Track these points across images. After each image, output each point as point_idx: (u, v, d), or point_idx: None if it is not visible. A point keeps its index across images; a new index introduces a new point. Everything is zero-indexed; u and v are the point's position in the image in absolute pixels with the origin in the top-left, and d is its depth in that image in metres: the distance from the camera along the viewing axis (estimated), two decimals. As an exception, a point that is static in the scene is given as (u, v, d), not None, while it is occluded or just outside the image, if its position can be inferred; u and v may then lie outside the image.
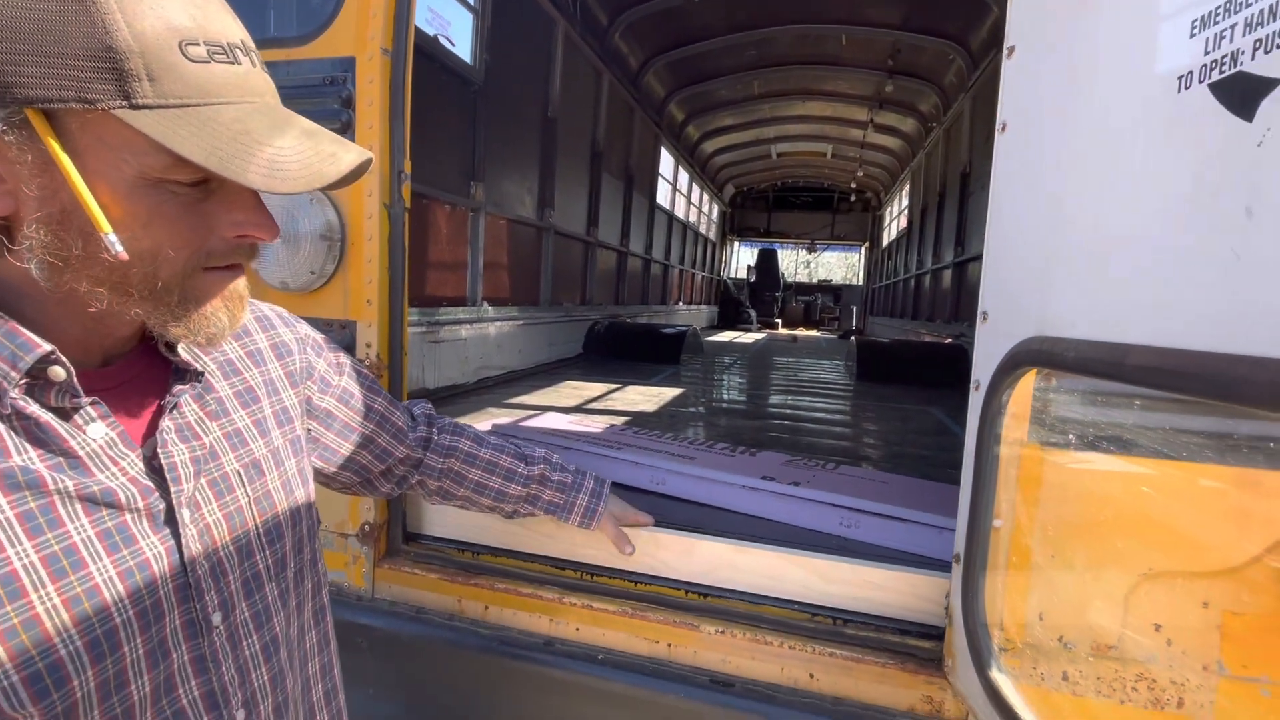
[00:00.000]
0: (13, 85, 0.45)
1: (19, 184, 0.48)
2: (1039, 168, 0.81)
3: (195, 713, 0.60)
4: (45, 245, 0.49)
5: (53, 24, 0.45)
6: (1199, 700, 0.91)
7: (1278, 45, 0.47)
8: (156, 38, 0.47)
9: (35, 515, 0.50)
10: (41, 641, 0.49)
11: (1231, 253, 0.50)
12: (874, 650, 1.09)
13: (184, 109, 0.48)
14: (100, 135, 0.48)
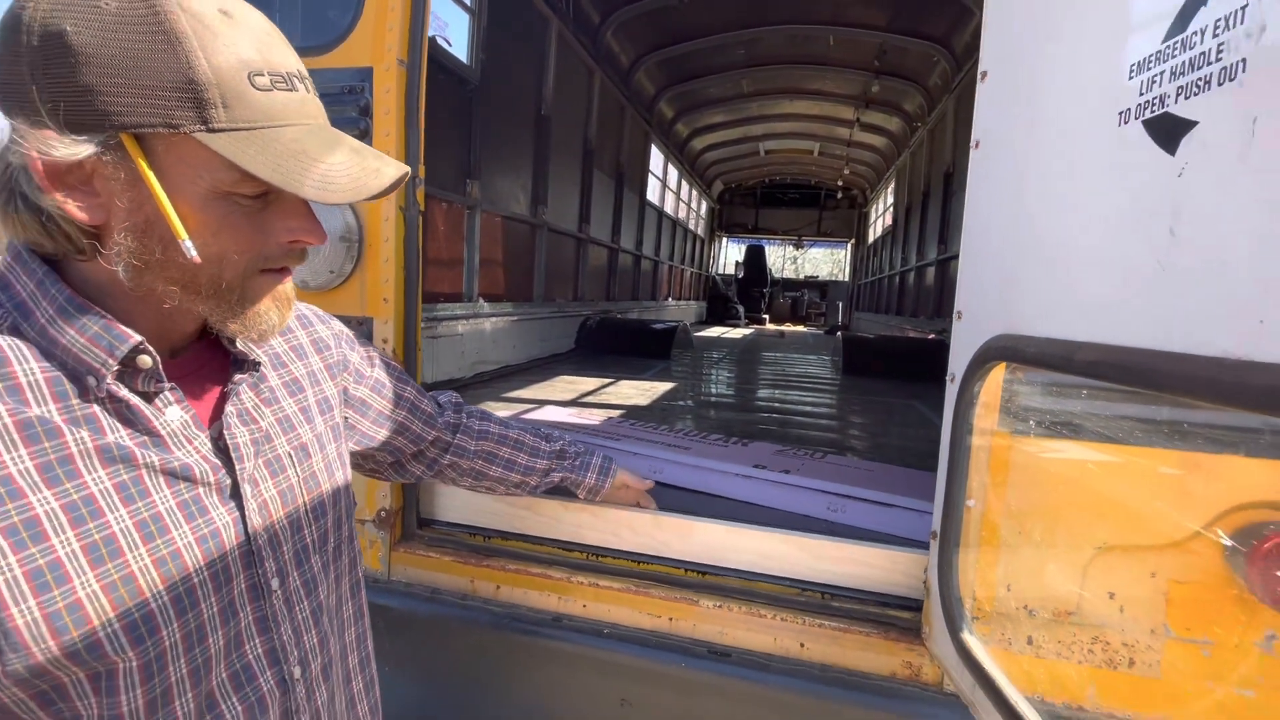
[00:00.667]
0: (112, 114, 0.52)
1: (112, 198, 0.55)
2: (1006, 183, 0.91)
3: (260, 667, 0.68)
4: (131, 250, 0.56)
5: (146, 61, 0.52)
6: (1148, 660, 1.02)
7: (1196, 93, 0.57)
8: (229, 70, 0.54)
9: (128, 486, 0.58)
10: (136, 595, 0.57)
11: (1158, 264, 0.60)
12: (859, 621, 1.19)
13: (251, 131, 0.56)
14: (180, 155, 0.55)
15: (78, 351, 0.56)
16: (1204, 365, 0.52)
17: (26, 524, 0.52)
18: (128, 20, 0.51)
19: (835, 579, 1.23)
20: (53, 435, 0.55)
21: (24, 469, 0.53)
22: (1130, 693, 1.03)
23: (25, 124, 0.52)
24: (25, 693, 0.54)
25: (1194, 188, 0.56)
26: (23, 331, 0.56)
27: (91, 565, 0.55)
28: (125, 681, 0.57)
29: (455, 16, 3.36)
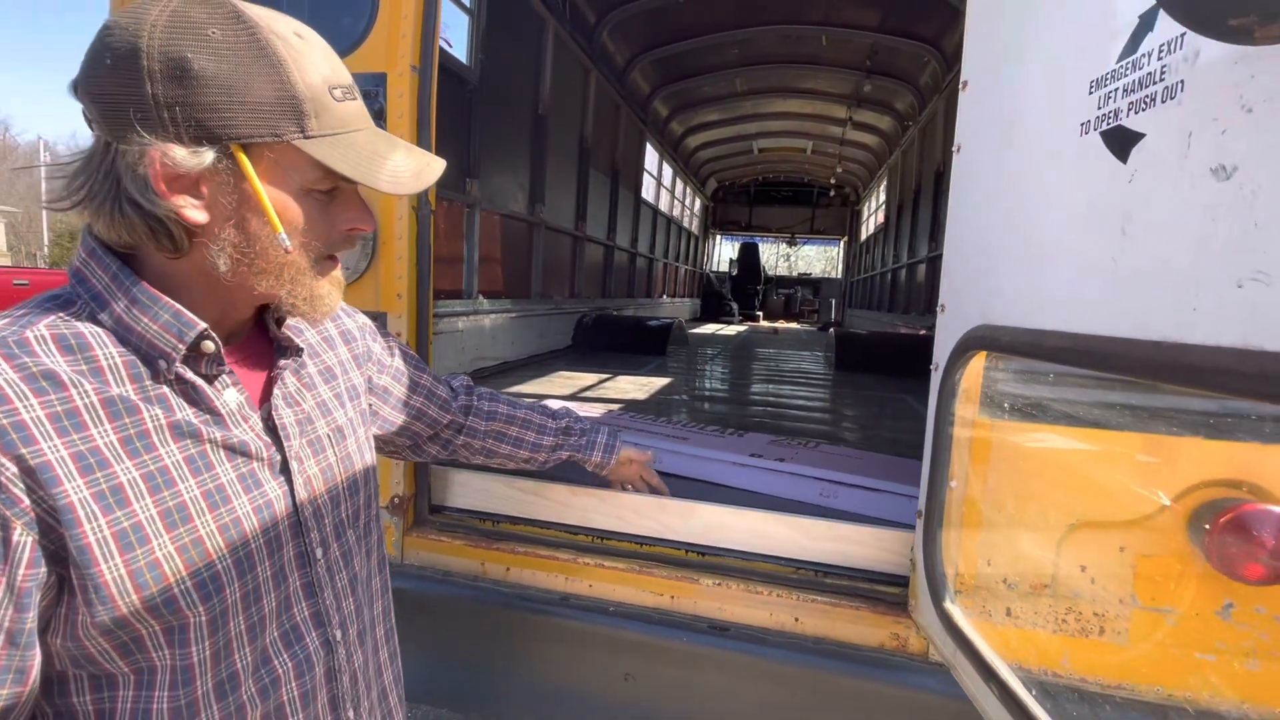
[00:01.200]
0: (229, 128, 0.60)
1: (217, 199, 0.62)
2: (984, 185, 0.98)
3: (306, 628, 0.75)
4: (234, 245, 0.63)
5: (254, 80, 0.59)
6: (1117, 628, 1.10)
7: (1144, 108, 0.64)
8: (317, 86, 0.62)
9: (195, 459, 0.65)
10: (205, 557, 0.64)
11: (1112, 261, 0.67)
12: (850, 596, 1.27)
13: (334, 136, 0.64)
14: (278, 159, 0.63)
15: (151, 337, 0.63)
16: (1147, 348, 0.60)
17: (113, 490, 0.59)
18: (235, 46, 0.59)
19: (827, 557, 1.31)
20: (132, 412, 0.61)
21: (109, 441, 0.59)
22: (1101, 659, 1.11)
23: (144, 137, 0.58)
24: (109, 643, 0.60)
25: (1142, 193, 0.64)
26: (100, 319, 0.63)
27: (167, 529, 0.62)
28: (195, 634, 0.64)
29: (455, 18, 3.41)
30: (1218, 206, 0.54)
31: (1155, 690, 1.09)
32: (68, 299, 0.63)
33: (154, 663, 0.62)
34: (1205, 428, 1.02)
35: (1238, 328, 0.51)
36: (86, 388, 0.59)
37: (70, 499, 0.57)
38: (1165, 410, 1.05)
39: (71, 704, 0.62)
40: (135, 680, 0.62)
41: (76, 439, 0.58)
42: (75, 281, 0.64)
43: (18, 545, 0.55)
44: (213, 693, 0.66)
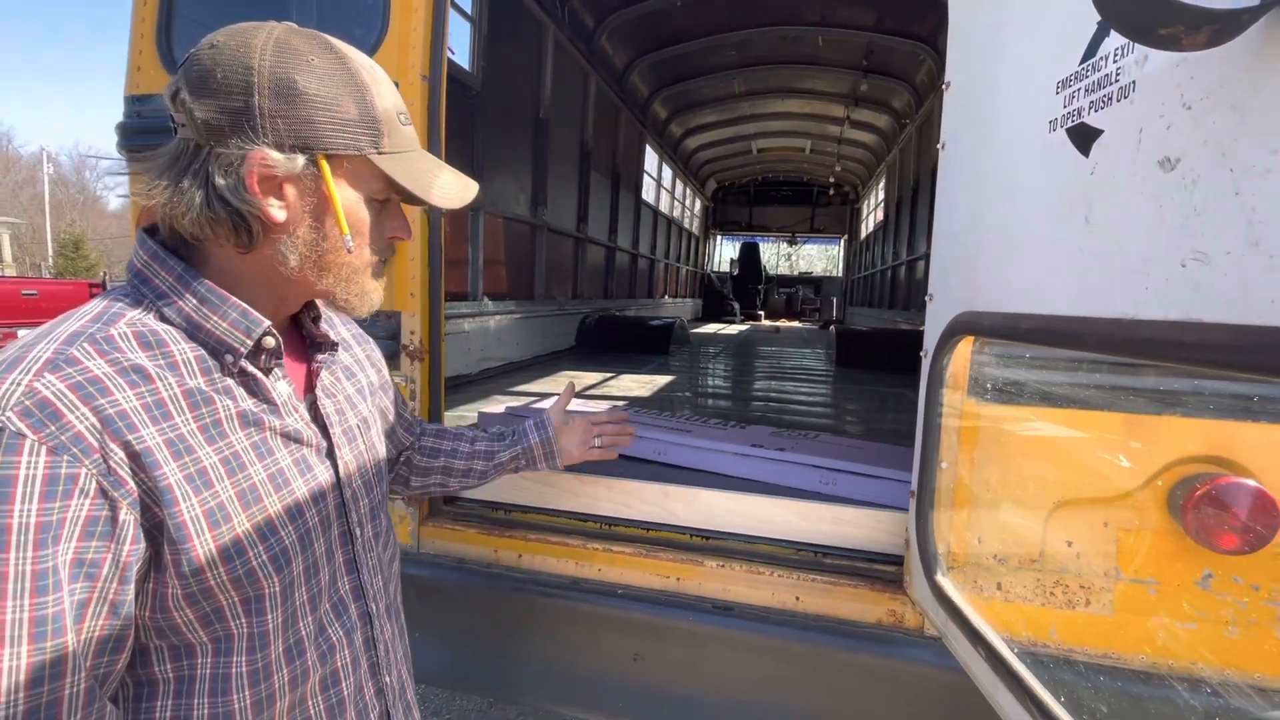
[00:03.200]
0: (321, 140, 0.68)
1: (297, 201, 0.70)
2: (966, 180, 1.04)
3: (349, 600, 0.82)
4: (304, 242, 0.71)
5: (344, 102, 0.69)
6: (1102, 600, 1.16)
7: (1103, 106, 0.70)
8: (389, 110, 0.72)
9: (260, 445, 0.71)
10: (274, 534, 0.71)
11: (1078, 247, 0.73)
12: (848, 576, 1.32)
13: (399, 154, 0.73)
14: (352, 170, 0.71)
15: (220, 334, 0.69)
16: (1109, 325, 0.66)
17: (199, 473, 0.65)
18: (331, 73, 0.68)
19: (826, 539, 1.37)
20: (207, 403, 0.67)
21: (190, 429, 0.65)
22: (1087, 629, 1.16)
23: (245, 143, 0.66)
24: (194, 614, 0.66)
25: (1101, 184, 0.70)
26: (168, 317, 0.68)
27: (243, 508, 0.68)
28: (269, 604, 0.71)
29: (457, 26, 3.48)
30: (1164, 195, 0.60)
31: (1140, 658, 1.14)
32: (134, 298, 0.69)
33: (231, 631, 0.69)
34: (1181, 406, 1.08)
35: (1183, 303, 0.57)
36: (169, 380, 0.65)
37: (169, 481, 0.62)
38: (1143, 390, 1.11)
39: (153, 673, 0.67)
40: (213, 648, 0.68)
41: (165, 427, 0.63)
42: (138, 281, 0.70)
43: (123, 524, 0.60)
44: (283, 657, 0.72)
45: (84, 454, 0.58)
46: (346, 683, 0.80)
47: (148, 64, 1.69)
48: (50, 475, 0.57)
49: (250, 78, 0.65)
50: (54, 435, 0.57)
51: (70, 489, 0.57)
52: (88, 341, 0.62)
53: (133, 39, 1.70)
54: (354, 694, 0.81)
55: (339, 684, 0.79)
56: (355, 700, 0.81)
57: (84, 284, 10.21)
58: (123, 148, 1.71)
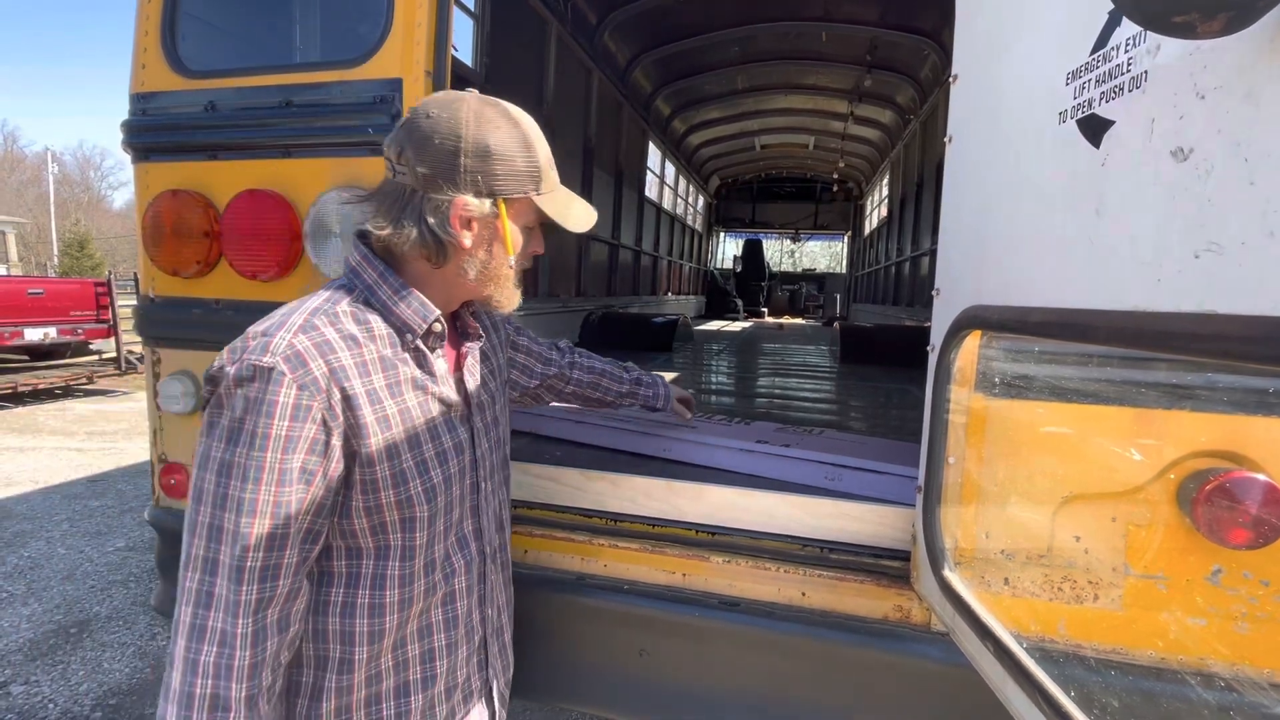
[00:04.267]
0: (503, 188, 0.91)
1: (481, 232, 0.93)
2: (974, 173, 1.03)
3: (469, 539, 1.06)
4: (480, 261, 0.95)
5: (519, 157, 0.92)
6: (1110, 595, 1.15)
7: (1114, 97, 0.70)
8: (546, 161, 0.96)
9: (423, 404, 0.94)
10: (428, 472, 0.94)
11: (1089, 240, 0.72)
12: (854, 571, 1.32)
13: (551, 194, 0.97)
14: (518, 207, 0.95)
15: (405, 317, 0.93)
16: (1119, 317, 0.65)
17: (386, 419, 0.89)
18: (511, 135, 0.91)
19: (832, 534, 1.36)
20: (392, 368, 0.91)
21: (381, 385, 0.89)
22: (1095, 625, 1.16)
23: (449, 193, 0.89)
24: (366, 524, 0.90)
25: (1113, 175, 0.69)
26: (371, 303, 0.92)
27: (410, 449, 0.91)
28: (418, 526, 0.93)
29: (459, 22, 3.48)
30: (1177, 185, 0.59)
31: (1149, 654, 1.14)
32: (348, 288, 0.93)
33: (389, 542, 0.92)
34: (1191, 400, 1.07)
35: (1195, 294, 0.57)
36: (371, 348, 0.89)
37: (365, 421, 0.86)
38: (1153, 384, 1.10)
39: (331, 567, 0.91)
40: (375, 554, 0.92)
41: (366, 381, 0.87)
42: (353, 275, 0.94)
43: (334, 447, 0.84)
44: (422, 570, 0.96)
45: (317, 392, 0.82)
46: (461, 604, 1.03)
47: (152, 62, 1.69)
48: (296, 404, 0.80)
49: (459, 144, 0.88)
50: (301, 377, 0.81)
51: (306, 416, 0.81)
52: (324, 315, 0.88)
53: (137, 37, 1.70)
54: (465, 615, 1.04)
55: (454, 603, 1.02)
56: (466, 620, 1.04)
57: (89, 283, 10.23)
58: (127, 146, 1.72)
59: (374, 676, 0.94)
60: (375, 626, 0.92)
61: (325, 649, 0.91)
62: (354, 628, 0.91)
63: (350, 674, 0.91)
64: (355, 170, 1.52)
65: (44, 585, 3.63)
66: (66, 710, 2.59)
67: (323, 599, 0.91)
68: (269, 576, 0.80)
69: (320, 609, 0.91)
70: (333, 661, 0.91)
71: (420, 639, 0.98)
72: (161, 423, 1.78)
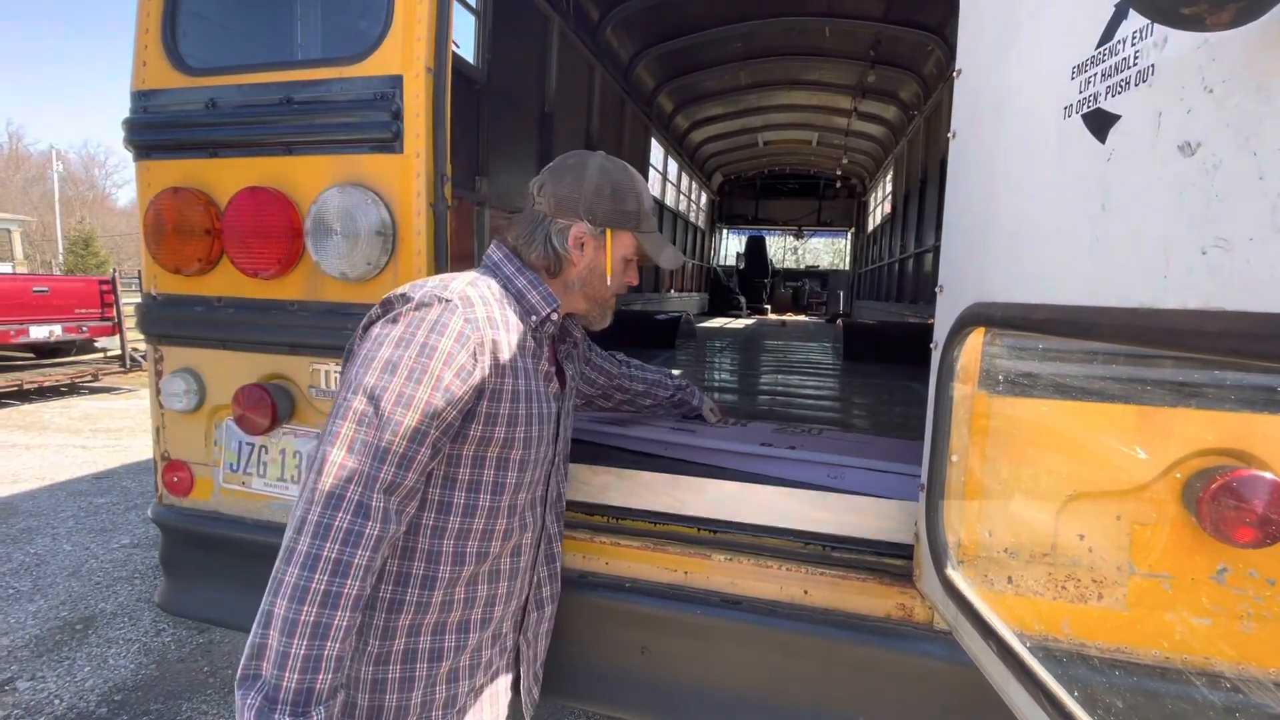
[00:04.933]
0: (611, 222, 1.16)
1: (586, 252, 1.17)
2: (977, 169, 1.02)
3: (539, 504, 1.22)
4: (583, 277, 1.19)
5: (627, 199, 1.17)
6: (1115, 594, 1.15)
7: (1120, 91, 0.69)
8: (648, 206, 1.22)
9: (535, 373, 1.13)
10: (531, 426, 1.11)
11: (1093, 236, 0.72)
12: (856, 569, 1.31)
13: (648, 235, 1.22)
14: (622, 240, 1.19)
15: (535, 302, 1.14)
16: (1125, 315, 0.64)
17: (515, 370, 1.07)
18: (624, 183, 1.17)
19: (835, 530, 1.36)
20: (521, 337, 1.09)
21: (511, 342, 1.07)
22: (1100, 624, 1.15)
23: (572, 219, 1.15)
24: (475, 453, 1.06)
25: (1118, 170, 0.68)
26: (509, 289, 1.13)
27: (524, 401, 1.09)
28: (514, 466, 1.11)
29: (461, 19, 3.47)
30: (1184, 180, 0.58)
31: (1153, 654, 1.13)
32: (494, 273, 1.15)
33: (486, 477, 1.08)
34: (1196, 398, 1.06)
35: (1202, 291, 0.56)
36: (511, 317, 1.09)
37: (504, 364, 1.05)
38: (1158, 382, 1.09)
39: (431, 492, 1.05)
40: (471, 485, 1.07)
41: (507, 337, 1.06)
42: (495, 266, 1.17)
43: (474, 377, 1.00)
44: (507, 509, 1.12)
45: (476, 329, 1.01)
46: (523, 557, 1.20)
47: (153, 59, 1.68)
48: (463, 332, 0.99)
49: (582, 184, 1.15)
50: (469, 313, 1.01)
51: (467, 344, 0.99)
52: (480, 282, 1.08)
53: (138, 34, 1.70)
54: (526, 568, 1.21)
55: (520, 556, 1.19)
56: (525, 573, 1.21)
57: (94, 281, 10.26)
58: (129, 143, 1.72)
59: (447, 603, 1.08)
60: (460, 548, 1.07)
61: (411, 566, 1.05)
62: (442, 548, 1.06)
63: (431, 591, 1.06)
64: (356, 167, 1.51)
65: (50, 581, 3.65)
66: (72, 706, 2.60)
67: (418, 521, 1.04)
68: (405, 465, 0.94)
69: (415, 529, 1.04)
70: (416, 578, 1.05)
71: (490, 581, 1.13)
72: (164, 420, 1.79)
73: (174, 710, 2.60)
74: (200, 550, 1.79)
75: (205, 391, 1.73)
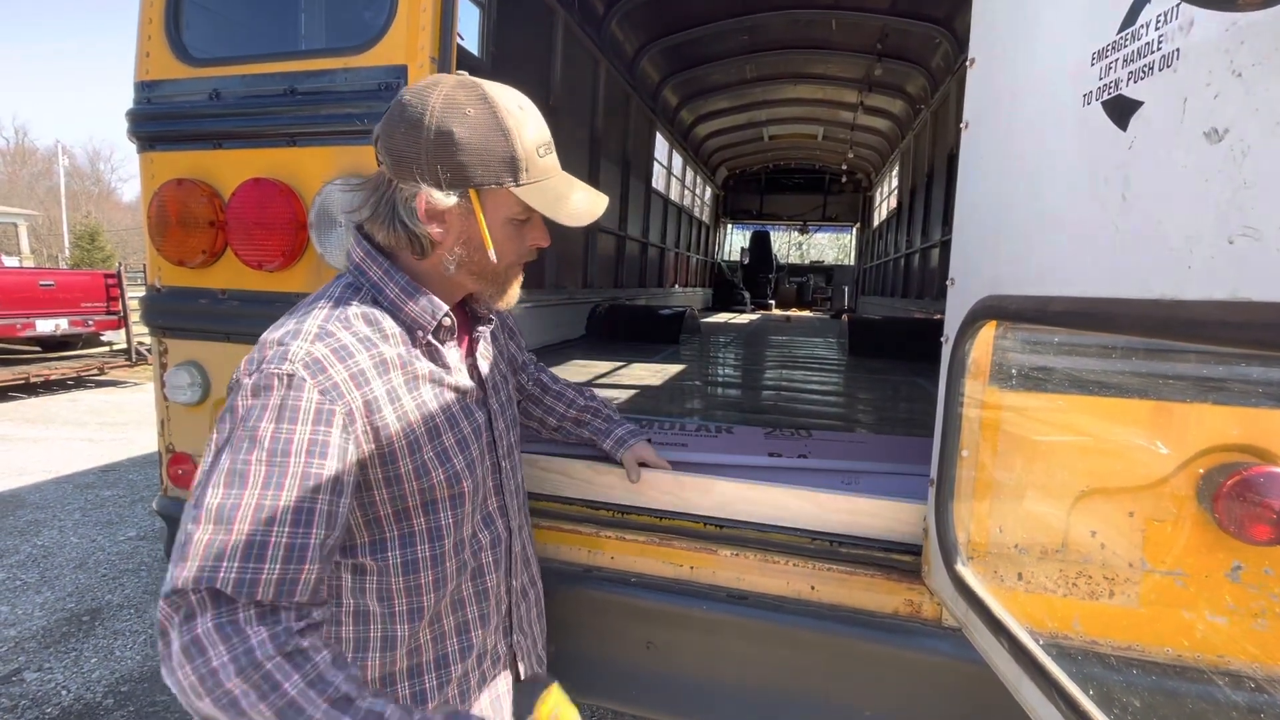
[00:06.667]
0: (470, 179, 0.86)
1: (453, 225, 0.89)
2: (990, 159, 1.01)
3: (496, 516, 1.08)
4: (458, 255, 0.92)
5: (490, 145, 0.85)
6: (1127, 591, 1.13)
7: (1143, 77, 0.67)
8: (530, 147, 0.88)
9: (439, 396, 0.94)
10: (455, 456, 0.95)
11: (1113, 226, 0.70)
12: (864, 565, 1.30)
13: (536, 184, 0.89)
14: (495, 199, 0.89)
15: (415, 315, 0.91)
16: (1146, 306, 0.63)
17: (404, 415, 0.88)
18: (482, 121, 0.85)
19: (843, 528, 1.34)
20: (407, 365, 0.90)
21: (399, 383, 0.88)
22: (1111, 621, 1.14)
23: (414, 183, 0.86)
24: (393, 512, 0.91)
25: (1140, 158, 0.67)
26: (379, 301, 0.91)
27: (429, 441, 0.92)
28: (445, 509, 0.95)
29: (466, 10, 3.44)
30: (1210, 168, 0.57)
31: (1165, 651, 1.12)
32: (355, 286, 0.92)
33: (416, 528, 0.93)
34: (1214, 393, 1.04)
35: (1228, 281, 0.54)
36: (386, 348, 0.88)
37: (385, 420, 0.86)
38: (1174, 377, 1.07)
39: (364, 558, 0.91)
40: (403, 540, 0.92)
41: (384, 380, 0.86)
42: (357, 272, 0.92)
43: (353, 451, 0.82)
44: (453, 549, 0.98)
45: (338, 398, 0.81)
46: (490, 578, 1.06)
47: (157, 50, 1.67)
48: (319, 409, 0.79)
49: (420, 131, 0.84)
50: (323, 383, 0.80)
51: (330, 420, 0.79)
52: (336, 320, 0.86)
53: (141, 25, 1.69)
54: (494, 587, 1.07)
55: (484, 577, 1.05)
56: (494, 592, 1.07)
57: (100, 275, 10.29)
58: (132, 135, 1.71)
59: (414, 650, 0.97)
60: (414, 605, 0.95)
61: (368, 631, 0.93)
62: (393, 608, 0.94)
63: (392, 650, 0.95)
64: (360, 159, 1.50)
65: (57, 573, 3.67)
66: (79, 696, 2.62)
67: (358, 585, 0.92)
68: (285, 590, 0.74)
69: (358, 592, 0.92)
70: (375, 641, 0.94)
71: (454, 612, 1.01)
72: (169, 413, 1.78)
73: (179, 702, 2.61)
74: (205, 543, 1.78)
75: (209, 384, 1.72)
